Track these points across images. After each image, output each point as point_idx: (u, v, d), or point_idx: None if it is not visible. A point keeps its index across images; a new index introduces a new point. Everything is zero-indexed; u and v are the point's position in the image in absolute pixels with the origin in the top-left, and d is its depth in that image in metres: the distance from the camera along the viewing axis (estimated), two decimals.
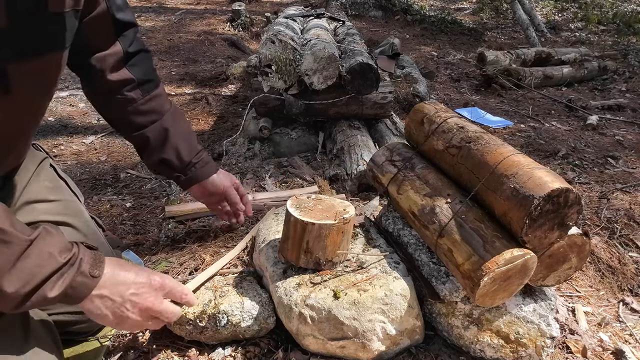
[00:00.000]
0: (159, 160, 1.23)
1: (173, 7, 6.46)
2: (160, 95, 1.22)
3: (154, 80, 1.21)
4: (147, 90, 1.18)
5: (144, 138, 1.20)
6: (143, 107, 1.17)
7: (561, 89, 4.03)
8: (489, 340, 1.16)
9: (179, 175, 1.27)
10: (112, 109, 1.19)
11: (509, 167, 1.06)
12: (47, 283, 0.74)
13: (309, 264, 1.20)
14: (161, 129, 1.21)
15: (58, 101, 3.14)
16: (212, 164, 1.33)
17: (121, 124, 1.22)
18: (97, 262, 0.82)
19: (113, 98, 1.14)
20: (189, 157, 1.25)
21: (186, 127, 1.29)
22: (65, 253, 0.77)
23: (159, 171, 1.30)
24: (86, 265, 0.79)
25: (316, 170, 2.26)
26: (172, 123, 1.23)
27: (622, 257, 1.65)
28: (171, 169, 1.26)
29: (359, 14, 6.50)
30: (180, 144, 1.23)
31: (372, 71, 2.25)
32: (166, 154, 1.22)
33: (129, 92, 1.14)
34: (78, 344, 1.20)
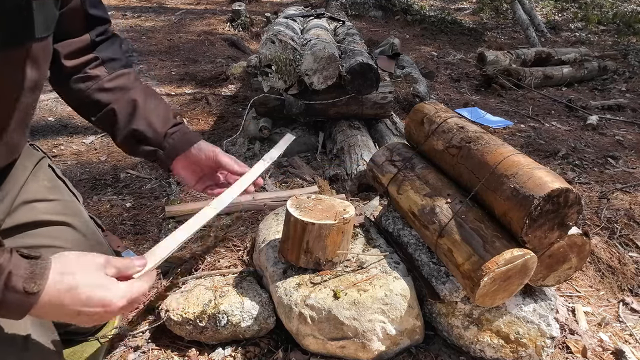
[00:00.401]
0: (129, 133, 1.08)
1: (173, 7, 6.46)
2: (129, 74, 1.12)
3: (120, 59, 1.11)
4: (112, 67, 1.09)
5: (110, 112, 1.07)
6: (108, 84, 1.07)
7: (561, 89, 4.03)
8: (489, 340, 1.16)
9: (156, 150, 1.10)
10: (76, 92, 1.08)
11: (509, 167, 1.06)
12: None
13: (309, 264, 1.20)
14: (129, 100, 1.08)
15: (58, 101, 3.14)
16: (194, 134, 1.16)
17: (88, 106, 1.10)
18: (35, 275, 0.67)
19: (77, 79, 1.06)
20: (163, 127, 1.10)
21: (160, 103, 1.15)
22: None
23: (135, 151, 1.13)
24: (18, 280, 0.65)
25: (316, 170, 2.26)
26: (142, 96, 1.10)
27: (622, 257, 1.65)
28: (145, 142, 1.10)
29: (359, 14, 6.50)
30: (152, 115, 1.10)
31: (372, 71, 2.25)
32: (136, 124, 1.08)
33: (92, 70, 1.06)
34: (78, 344, 1.19)
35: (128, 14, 5.86)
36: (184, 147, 1.12)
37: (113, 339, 1.24)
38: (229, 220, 1.81)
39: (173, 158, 1.12)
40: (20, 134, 0.96)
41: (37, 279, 0.67)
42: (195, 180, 1.18)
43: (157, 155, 1.11)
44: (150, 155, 1.12)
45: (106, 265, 0.77)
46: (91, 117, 1.12)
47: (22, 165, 1.07)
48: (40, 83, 0.92)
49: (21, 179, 1.06)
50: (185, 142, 1.12)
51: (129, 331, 1.26)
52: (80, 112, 1.14)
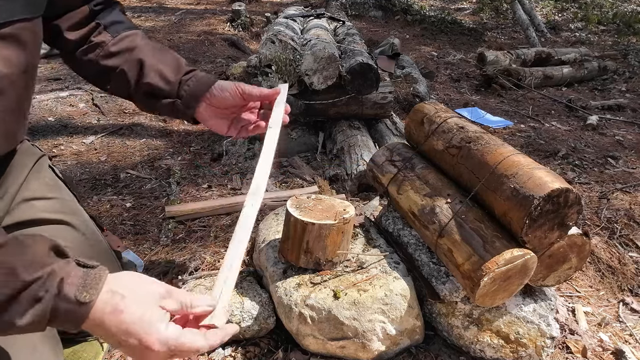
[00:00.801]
0: (144, 90, 1.04)
1: (173, 7, 6.46)
2: (134, 35, 1.07)
3: (123, 22, 1.08)
4: (115, 31, 1.05)
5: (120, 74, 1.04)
6: (114, 47, 1.03)
7: (561, 89, 4.03)
8: (489, 340, 1.16)
9: (174, 101, 1.04)
10: (87, 64, 1.06)
11: (509, 167, 1.06)
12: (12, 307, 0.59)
13: (309, 264, 1.20)
14: (136, 58, 1.04)
15: (58, 101, 3.14)
16: (210, 76, 1.08)
17: (101, 75, 1.07)
18: (87, 284, 0.62)
19: (84, 50, 1.04)
20: (176, 76, 1.04)
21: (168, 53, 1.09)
22: (35, 269, 0.60)
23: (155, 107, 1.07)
24: (70, 288, 0.61)
25: (316, 170, 2.26)
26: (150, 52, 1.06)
27: (622, 257, 1.65)
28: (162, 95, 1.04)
29: (359, 14, 6.50)
30: (161, 66, 1.04)
31: (372, 71, 2.25)
32: (147, 78, 1.03)
33: (96, 37, 1.04)
34: (78, 344, 1.19)
35: (128, 14, 5.84)
36: (202, 90, 1.04)
37: None
38: (229, 220, 1.81)
39: (194, 106, 1.05)
40: (15, 121, 0.93)
41: (89, 289, 0.62)
42: (227, 125, 1.10)
43: (175, 106, 1.04)
44: (170, 109, 1.05)
45: (166, 297, 0.67)
46: (106, 86, 1.09)
47: (22, 162, 1.06)
48: (31, 66, 0.90)
49: (21, 176, 1.06)
50: (202, 85, 1.05)
51: None
52: (96, 83, 1.11)
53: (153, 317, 0.64)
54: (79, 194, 1.23)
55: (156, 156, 2.46)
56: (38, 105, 3.05)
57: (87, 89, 3.39)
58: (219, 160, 2.40)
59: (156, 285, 0.68)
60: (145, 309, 0.64)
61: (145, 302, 0.65)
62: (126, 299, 0.64)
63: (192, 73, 1.06)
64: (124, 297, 0.64)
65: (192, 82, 1.04)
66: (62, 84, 3.46)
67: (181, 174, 2.24)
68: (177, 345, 0.64)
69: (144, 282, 0.68)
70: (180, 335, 0.65)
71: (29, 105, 1.00)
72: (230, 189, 2.09)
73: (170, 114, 1.07)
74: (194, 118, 1.07)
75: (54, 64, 3.92)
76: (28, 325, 0.60)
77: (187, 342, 0.65)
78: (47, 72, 3.73)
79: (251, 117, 1.12)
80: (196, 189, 2.10)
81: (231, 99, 1.05)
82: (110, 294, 0.63)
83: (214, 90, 1.04)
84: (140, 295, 0.65)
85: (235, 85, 1.05)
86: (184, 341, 0.65)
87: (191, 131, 2.84)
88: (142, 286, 0.67)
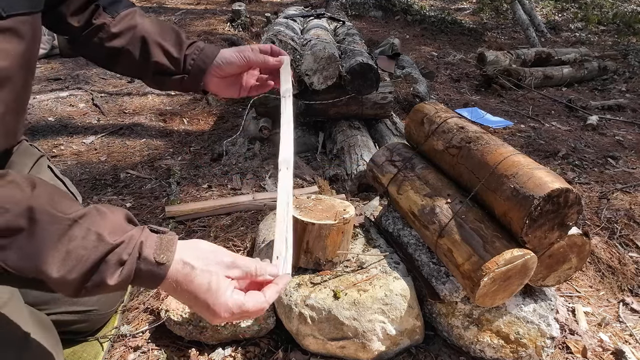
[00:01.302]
0: (153, 69, 1.06)
1: (173, 7, 6.46)
2: (132, 13, 1.09)
3: (120, 1, 1.09)
4: (114, 10, 1.06)
5: (127, 55, 1.06)
6: (115, 28, 1.05)
7: (561, 89, 4.03)
8: (489, 341, 1.16)
9: (182, 77, 1.07)
10: (94, 48, 1.08)
11: (509, 167, 1.06)
12: (101, 268, 0.65)
13: (309, 264, 1.20)
14: (139, 37, 1.06)
15: (58, 101, 3.15)
16: (213, 46, 1.10)
17: (110, 58, 1.09)
18: (163, 247, 0.70)
19: (88, 35, 1.05)
20: (180, 52, 1.07)
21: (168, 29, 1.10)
22: (118, 234, 0.67)
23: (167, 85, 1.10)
24: (149, 250, 0.68)
25: (316, 170, 2.26)
26: (150, 29, 1.07)
27: (622, 258, 1.65)
28: (171, 73, 1.07)
29: (359, 14, 6.50)
30: (164, 42, 1.06)
31: (372, 71, 2.25)
32: (154, 57, 1.05)
33: (96, 20, 1.05)
34: (78, 344, 1.20)
35: None
36: (205, 64, 1.07)
37: (113, 339, 1.24)
38: (229, 220, 1.81)
39: (201, 79, 1.08)
40: (15, 118, 0.94)
41: (165, 251, 0.69)
42: (237, 90, 1.13)
43: (184, 82, 1.07)
44: (179, 85, 1.08)
45: (232, 267, 0.74)
46: (117, 69, 1.11)
47: (20, 162, 1.06)
48: (29, 62, 0.90)
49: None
50: (205, 58, 1.07)
51: (129, 331, 1.26)
52: (106, 66, 1.12)
53: (220, 287, 0.71)
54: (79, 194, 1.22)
55: (156, 156, 2.46)
56: (38, 105, 3.05)
57: (87, 89, 3.39)
58: (219, 160, 2.40)
59: (223, 255, 0.74)
60: (213, 279, 0.71)
61: (213, 273, 0.72)
62: (196, 269, 0.71)
63: (194, 46, 1.08)
64: (194, 268, 0.71)
65: (195, 56, 1.06)
66: (62, 84, 3.46)
67: (181, 174, 2.24)
68: (241, 312, 0.73)
69: (212, 252, 0.74)
70: (243, 303, 0.73)
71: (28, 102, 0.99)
72: (230, 189, 2.09)
73: (180, 89, 1.10)
74: (204, 91, 1.10)
75: (54, 64, 3.92)
76: (116, 284, 0.66)
77: (250, 307, 0.73)
78: (47, 72, 3.73)
79: (252, 81, 1.14)
80: (196, 189, 2.10)
81: (237, 67, 1.08)
82: (181, 264, 0.70)
83: (218, 62, 1.06)
84: (208, 265, 0.72)
85: (239, 54, 1.07)
86: (247, 307, 0.73)
87: (191, 131, 2.84)
88: (210, 256, 0.73)
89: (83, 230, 0.66)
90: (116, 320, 1.30)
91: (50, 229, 0.64)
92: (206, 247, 0.75)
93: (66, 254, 0.64)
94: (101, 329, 1.25)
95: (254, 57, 1.07)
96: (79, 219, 0.66)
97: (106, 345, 1.21)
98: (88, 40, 1.06)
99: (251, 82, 1.13)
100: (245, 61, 1.07)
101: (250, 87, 1.13)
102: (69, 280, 0.64)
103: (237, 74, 1.10)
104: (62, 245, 0.64)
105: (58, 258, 0.64)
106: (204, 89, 1.10)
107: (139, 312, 1.33)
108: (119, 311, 1.33)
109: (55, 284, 0.65)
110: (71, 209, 0.67)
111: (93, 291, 0.67)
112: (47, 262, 0.63)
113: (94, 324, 1.22)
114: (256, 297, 0.74)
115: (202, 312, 0.73)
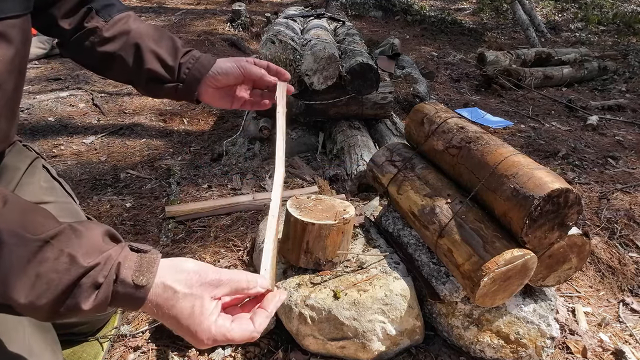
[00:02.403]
0: (146, 76, 1.03)
1: (173, 7, 6.46)
2: (126, 17, 1.06)
3: (114, 5, 1.06)
4: (107, 14, 1.03)
5: (120, 61, 1.03)
6: (108, 33, 1.02)
7: (561, 89, 4.03)
8: (489, 341, 1.16)
9: (176, 85, 1.03)
10: (85, 52, 1.05)
11: (509, 167, 1.06)
12: (75, 292, 0.61)
13: (309, 264, 1.20)
14: (132, 43, 1.03)
15: (58, 101, 3.15)
16: (209, 55, 1.07)
17: (101, 63, 1.06)
18: (143, 268, 0.65)
19: (80, 38, 1.03)
20: (174, 60, 1.03)
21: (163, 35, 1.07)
22: (93, 255, 0.62)
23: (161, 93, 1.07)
24: (127, 272, 0.63)
25: (316, 170, 2.26)
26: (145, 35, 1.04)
27: (622, 258, 1.65)
28: (164, 80, 1.04)
29: (359, 14, 6.50)
30: (159, 50, 1.03)
31: (372, 71, 2.25)
32: (148, 64, 1.02)
33: (88, 23, 1.02)
34: (78, 344, 1.19)
35: None
36: (202, 73, 1.03)
37: (113, 339, 1.24)
38: (229, 220, 1.81)
39: (196, 89, 1.05)
40: (6, 123, 0.93)
41: (145, 272, 0.64)
42: (231, 101, 1.09)
43: (178, 91, 1.04)
44: (173, 93, 1.05)
45: (218, 285, 0.69)
46: (108, 73, 1.08)
47: (13, 166, 1.05)
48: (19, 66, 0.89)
49: (13, 180, 1.04)
50: (201, 68, 1.04)
51: (129, 331, 1.26)
52: (97, 70, 1.10)
53: (204, 312, 0.67)
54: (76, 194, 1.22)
55: (156, 156, 2.46)
56: (38, 105, 3.05)
57: (87, 89, 3.39)
58: (219, 160, 2.40)
59: (207, 274, 0.69)
60: (196, 303, 0.66)
61: (197, 297, 0.67)
62: (178, 293, 0.66)
63: (190, 54, 1.05)
64: (176, 292, 0.66)
65: (191, 65, 1.03)
66: (62, 84, 3.46)
67: (181, 174, 2.24)
68: (226, 340, 0.67)
69: (196, 273, 0.68)
70: (229, 331, 0.68)
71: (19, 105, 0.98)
72: (230, 189, 2.09)
73: (173, 98, 1.08)
74: (198, 100, 1.08)
75: (54, 64, 3.92)
76: (92, 309, 0.62)
77: (235, 337, 0.68)
78: (47, 72, 3.73)
79: (245, 95, 1.10)
80: (196, 189, 2.10)
81: (233, 79, 1.05)
82: (162, 287, 0.66)
83: (214, 72, 1.04)
84: (191, 288, 0.67)
85: (237, 66, 1.04)
86: (233, 336, 0.68)
87: (191, 131, 2.84)
88: (194, 278, 0.68)
89: (55, 252, 0.61)
90: (116, 320, 1.30)
91: (18, 251, 0.60)
92: (190, 267, 0.69)
93: (36, 278, 0.60)
94: (101, 329, 1.25)
95: (250, 69, 1.05)
96: (52, 239, 0.62)
97: (106, 345, 1.21)
98: (79, 44, 1.03)
99: (244, 95, 1.10)
100: (241, 72, 1.04)
101: (244, 101, 1.10)
102: (39, 305, 0.60)
103: (232, 86, 1.07)
104: (31, 269, 0.60)
105: (27, 283, 0.60)
106: (197, 99, 1.07)
107: (139, 312, 1.33)
108: (119, 311, 1.33)
109: (24, 310, 0.61)
110: (43, 228, 0.62)
111: (68, 315, 0.63)
112: (15, 287, 0.59)
113: (94, 325, 1.22)
114: (244, 325, 0.69)
115: (185, 336, 0.68)
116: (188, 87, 1.04)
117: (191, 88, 1.04)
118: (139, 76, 1.04)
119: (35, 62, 3.93)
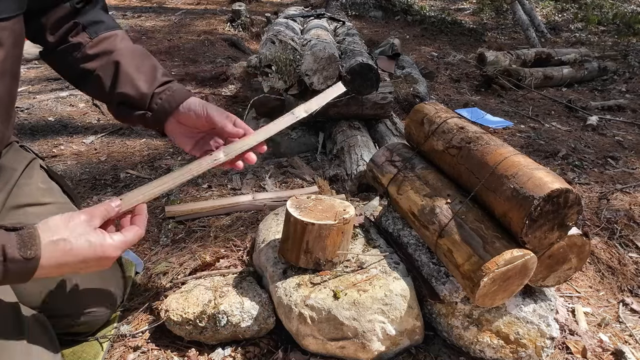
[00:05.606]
0: (118, 99, 1.01)
1: (173, 7, 6.46)
2: (114, 36, 1.04)
3: (103, 22, 1.04)
4: (94, 32, 1.02)
5: (96, 79, 1.01)
6: (91, 50, 1.00)
7: (561, 89, 4.02)
8: (488, 341, 1.16)
9: (145, 113, 1.00)
10: (66, 64, 1.04)
11: (508, 167, 1.06)
12: None
13: (309, 264, 1.20)
14: (112, 62, 1.00)
15: (58, 101, 3.14)
16: (184, 91, 1.03)
17: (78, 77, 1.05)
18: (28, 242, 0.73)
19: (63, 50, 1.02)
20: (150, 88, 1.00)
21: (146, 60, 1.04)
22: None
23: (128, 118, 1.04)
24: (13, 250, 0.71)
25: (316, 171, 2.26)
26: (127, 57, 1.02)
27: (622, 258, 1.65)
28: (135, 106, 1.01)
29: (359, 14, 6.50)
30: (136, 75, 1.00)
31: (372, 71, 2.25)
32: (121, 87, 1.00)
33: (73, 38, 1.00)
34: (78, 344, 1.19)
35: (128, 14, 5.86)
36: (171, 107, 1.00)
37: (113, 339, 1.24)
38: (229, 220, 1.81)
39: (163, 121, 1.02)
40: (0, 124, 0.93)
41: (29, 246, 0.73)
42: (191, 145, 1.05)
43: (146, 119, 1.01)
44: (141, 120, 1.02)
45: (91, 220, 0.81)
46: (84, 89, 1.07)
47: (10, 167, 1.04)
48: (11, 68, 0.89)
49: (10, 182, 1.04)
50: (172, 101, 1.01)
51: (129, 331, 1.26)
52: (73, 83, 1.09)
53: (97, 239, 0.80)
54: (74, 194, 1.21)
55: (156, 156, 2.46)
56: (38, 105, 3.05)
57: None
58: None
59: (80, 215, 0.81)
60: (86, 236, 0.79)
61: (83, 233, 0.79)
62: (67, 239, 0.77)
63: (167, 85, 1.03)
64: (65, 240, 0.77)
65: (164, 96, 1.01)
66: (62, 84, 3.45)
67: None
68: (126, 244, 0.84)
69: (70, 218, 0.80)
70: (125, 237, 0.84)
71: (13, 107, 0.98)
72: (230, 189, 2.09)
73: (140, 125, 1.06)
74: (163, 133, 1.06)
75: None
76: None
77: (131, 238, 0.85)
78: (47, 72, 3.73)
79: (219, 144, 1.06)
80: (196, 189, 2.10)
81: (195, 118, 1.01)
82: (53, 244, 0.76)
83: (181, 109, 1.01)
84: (75, 231, 0.78)
85: (203, 107, 1.01)
86: (129, 238, 0.85)
87: None
88: (70, 224, 0.79)
89: None
90: (116, 321, 1.30)
91: None
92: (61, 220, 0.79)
93: None
94: (101, 329, 1.25)
95: (216, 115, 1.00)
96: None
97: (106, 345, 1.21)
98: (62, 57, 1.03)
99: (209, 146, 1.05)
100: (203, 112, 1.00)
101: (204, 151, 1.04)
102: None
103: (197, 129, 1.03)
104: None
105: None
106: (163, 131, 1.05)
107: (139, 312, 1.33)
108: (119, 311, 1.33)
109: None
110: None
111: None
112: None
113: (93, 325, 1.22)
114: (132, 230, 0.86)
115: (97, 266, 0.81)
116: (156, 117, 1.01)
117: (159, 119, 1.01)
118: (111, 98, 1.02)
119: (35, 62, 3.93)
